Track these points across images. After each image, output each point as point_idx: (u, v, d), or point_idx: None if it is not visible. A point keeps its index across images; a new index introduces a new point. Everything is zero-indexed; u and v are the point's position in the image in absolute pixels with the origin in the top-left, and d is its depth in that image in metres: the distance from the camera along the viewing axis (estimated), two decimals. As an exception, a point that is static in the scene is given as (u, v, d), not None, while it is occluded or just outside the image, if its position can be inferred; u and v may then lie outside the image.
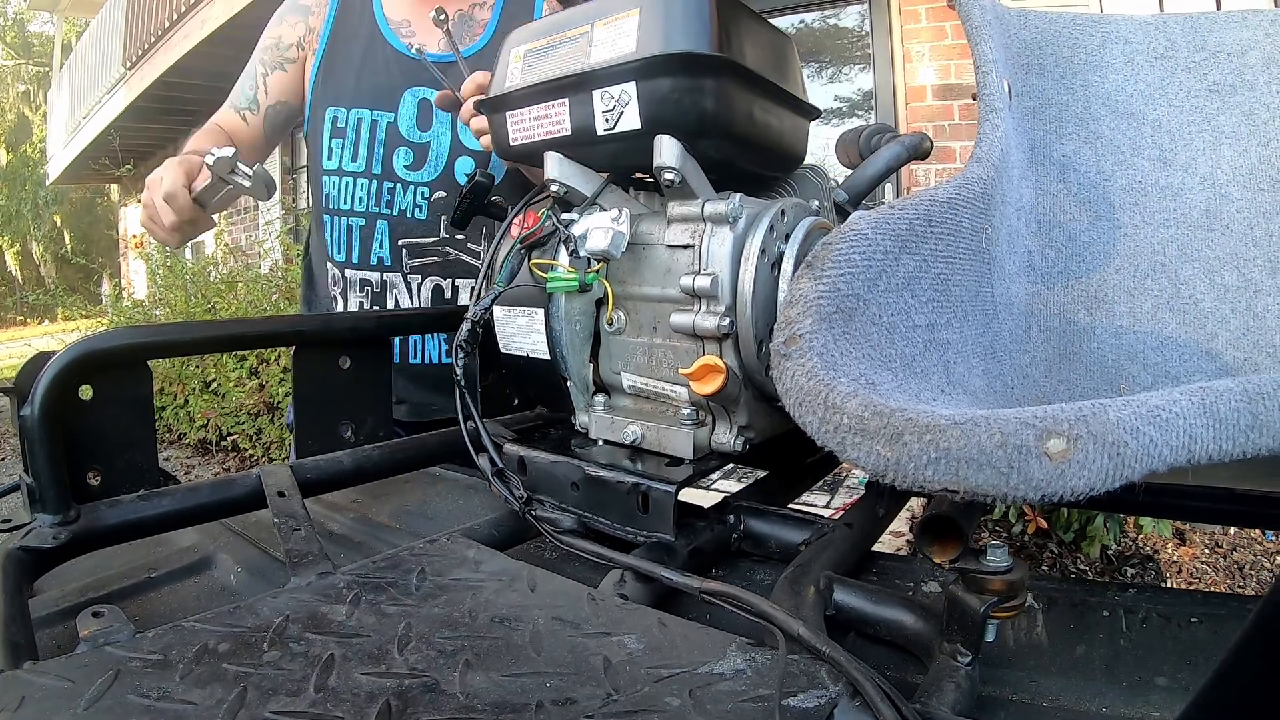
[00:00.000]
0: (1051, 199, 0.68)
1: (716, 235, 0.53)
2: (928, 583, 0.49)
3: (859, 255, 0.37)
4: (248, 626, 0.35)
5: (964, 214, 0.47)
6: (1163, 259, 0.66)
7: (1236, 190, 0.67)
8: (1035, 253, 0.65)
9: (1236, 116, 0.68)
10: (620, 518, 0.51)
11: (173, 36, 5.36)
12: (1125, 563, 2.38)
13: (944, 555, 0.38)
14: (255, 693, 0.30)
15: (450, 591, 0.40)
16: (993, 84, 0.57)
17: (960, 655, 0.36)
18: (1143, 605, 0.43)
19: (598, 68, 0.54)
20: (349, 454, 0.67)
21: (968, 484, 0.25)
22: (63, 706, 0.29)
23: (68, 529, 0.50)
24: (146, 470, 0.57)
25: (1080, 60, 0.72)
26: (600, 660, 0.33)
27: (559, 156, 0.59)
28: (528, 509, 0.55)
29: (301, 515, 0.52)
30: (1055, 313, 0.64)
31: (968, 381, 0.44)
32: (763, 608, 0.36)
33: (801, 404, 0.31)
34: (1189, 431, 0.25)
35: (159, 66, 5.57)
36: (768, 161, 0.63)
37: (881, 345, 0.36)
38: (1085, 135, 0.69)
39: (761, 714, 0.29)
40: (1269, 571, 2.35)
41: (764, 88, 0.57)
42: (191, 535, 0.62)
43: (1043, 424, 0.25)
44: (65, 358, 0.51)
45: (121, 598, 0.54)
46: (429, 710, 0.29)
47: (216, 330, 0.69)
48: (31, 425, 0.49)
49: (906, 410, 0.28)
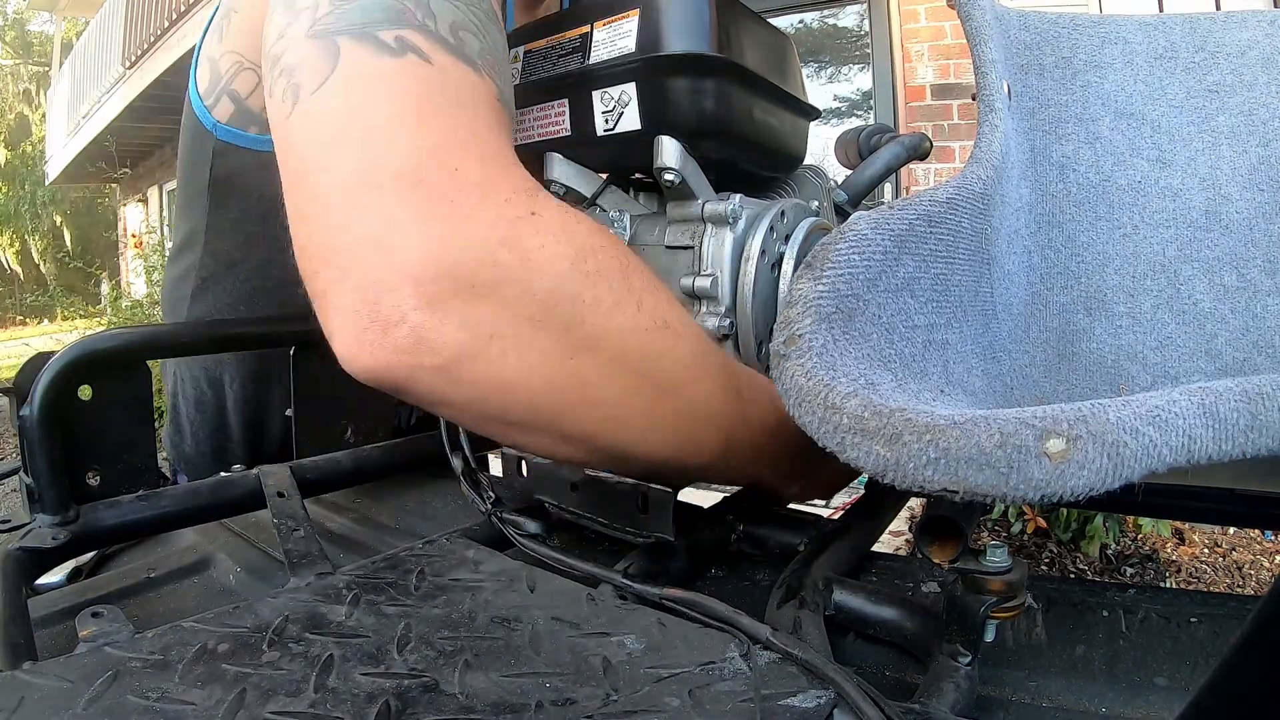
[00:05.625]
0: (1051, 199, 0.68)
1: (716, 236, 0.53)
2: (927, 583, 0.49)
3: (859, 255, 0.37)
4: (247, 627, 0.35)
5: (964, 214, 0.47)
6: (1162, 259, 0.66)
7: (1236, 191, 0.67)
8: (1035, 253, 0.65)
9: (1236, 117, 0.69)
10: (620, 518, 0.51)
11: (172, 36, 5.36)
12: (1125, 562, 2.39)
13: (943, 555, 0.38)
14: (254, 693, 0.30)
15: (449, 592, 0.40)
16: (992, 84, 0.57)
17: (959, 655, 0.36)
18: (1142, 605, 0.43)
19: (597, 68, 0.54)
20: (349, 454, 0.67)
21: (967, 484, 0.25)
22: (62, 707, 0.29)
23: (67, 529, 0.50)
24: (146, 470, 0.57)
25: (1080, 61, 0.72)
26: (600, 660, 0.33)
27: (559, 157, 0.59)
28: (495, 512, 0.54)
29: (301, 515, 0.52)
30: (1055, 313, 0.64)
31: (967, 382, 0.44)
32: (725, 614, 0.36)
33: (801, 404, 0.31)
34: (1188, 432, 0.25)
35: (159, 66, 5.57)
36: (768, 162, 0.63)
37: (881, 345, 0.36)
38: (1085, 136, 0.69)
39: (761, 714, 0.29)
40: (1269, 571, 2.35)
41: (764, 88, 0.57)
42: (191, 535, 0.62)
43: (1042, 424, 0.25)
44: (65, 358, 0.51)
45: (121, 598, 0.54)
46: (429, 710, 0.29)
47: (216, 330, 0.69)
48: (31, 425, 0.49)
49: (906, 410, 0.28)
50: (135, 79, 6.04)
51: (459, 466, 0.57)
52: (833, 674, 0.31)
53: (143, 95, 5.98)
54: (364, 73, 0.36)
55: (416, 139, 0.34)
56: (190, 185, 0.77)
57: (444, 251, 0.33)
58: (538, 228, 0.35)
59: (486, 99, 0.39)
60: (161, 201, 8.26)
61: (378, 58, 0.36)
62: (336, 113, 0.35)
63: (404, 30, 0.37)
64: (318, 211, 0.35)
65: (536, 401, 0.37)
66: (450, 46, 0.38)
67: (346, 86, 0.35)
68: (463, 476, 0.57)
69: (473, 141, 0.36)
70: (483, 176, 0.35)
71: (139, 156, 7.91)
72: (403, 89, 0.36)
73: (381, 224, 0.33)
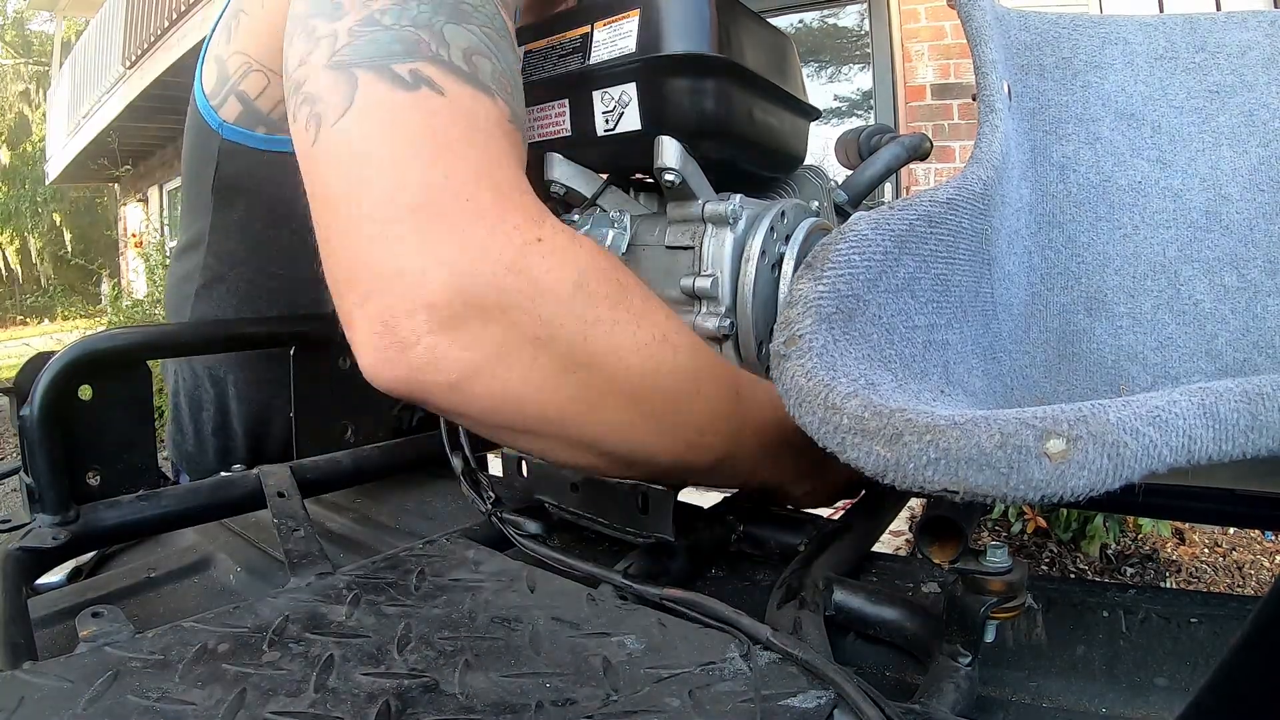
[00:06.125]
0: (1051, 200, 0.68)
1: (716, 236, 0.53)
2: (927, 583, 0.49)
3: (859, 256, 0.37)
4: (247, 627, 0.35)
5: (964, 214, 0.47)
6: (1162, 260, 0.66)
7: (1236, 191, 0.67)
8: (1035, 253, 0.65)
9: (1236, 117, 0.69)
10: (620, 518, 0.51)
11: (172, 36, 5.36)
12: (1125, 562, 2.39)
13: (943, 555, 0.38)
14: (255, 693, 0.30)
15: (449, 592, 0.40)
16: (992, 85, 0.57)
17: (960, 656, 0.36)
18: (1142, 605, 0.43)
19: (598, 68, 0.54)
20: (349, 454, 0.67)
21: (967, 484, 0.25)
22: (62, 707, 0.29)
23: (67, 529, 0.50)
24: (146, 470, 0.57)
25: (1080, 61, 0.72)
26: (600, 660, 0.33)
27: (559, 157, 0.59)
28: (495, 512, 0.54)
29: (301, 515, 0.52)
30: (1055, 313, 0.64)
31: (967, 382, 0.44)
32: (726, 614, 0.36)
33: (801, 404, 0.31)
34: (1189, 432, 0.25)
35: (159, 66, 5.57)
36: (768, 162, 0.63)
37: (881, 346, 0.36)
38: (1085, 136, 0.69)
39: (761, 714, 0.29)
40: (1269, 571, 2.35)
41: (764, 88, 0.57)
42: (191, 535, 0.62)
43: (1042, 424, 0.25)
44: (65, 358, 0.51)
45: (121, 598, 0.54)
46: (429, 710, 0.29)
47: (217, 330, 0.69)
48: (31, 425, 0.49)
49: (906, 411, 0.28)
50: (135, 79, 6.03)
51: (459, 466, 0.57)
52: (833, 674, 0.31)
53: (143, 95, 5.98)
54: (380, 106, 0.38)
55: (430, 172, 0.37)
56: (195, 185, 0.77)
57: (456, 278, 0.36)
58: (544, 253, 0.38)
59: (499, 123, 0.41)
60: (162, 201, 8.26)
61: (393, 91, 0.38)
62: (355, 145, 0.38)
63: (418, 63, 0.39)
64: (341, 239, 0.38)
65: (544, 413, 0.40)
66: (463, 75, 0.40)
67: (363, 119, 0.38)
68: (463, 476, 0.57)
69: (484, 171, 0.38)
70: (493, 205, 0.37)
71: (139, 156, 7.91)
72: (417, 122, 0.38)
73: (399, 254, 0.36)
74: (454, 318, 0.36)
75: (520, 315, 0.37)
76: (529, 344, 0.37)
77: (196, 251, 0.79)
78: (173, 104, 5.90)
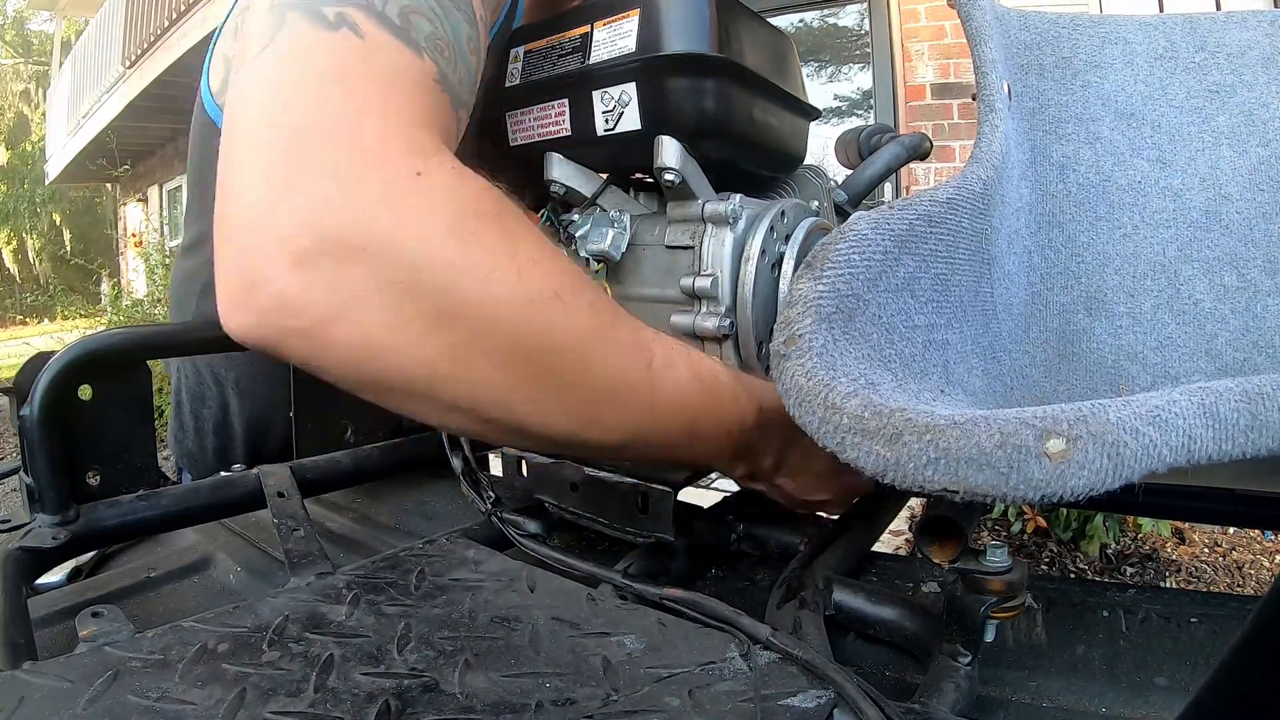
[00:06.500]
0: (1051, 199, 0.68)
1: (716, 236, 0.53)
2: (927, 583, 0.49)
3: (859, 255, 0.37)
4: (247, 627, 0.35)
5: (964, 214, 0.47)
6: (1162, 259, 0.66)
7: (1236, 191, 0.67)
8: (1035, 253, 0.65)
9: (1236, 117, 0.69)
10: (620, 518, 0.51)
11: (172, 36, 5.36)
12: (1125, 562, 2.39)
13: (943, 555, 0.38)
14: (254, 693, 0.30)
15: (449, 592, 0.40)
16: (993, 84, 0.57)
17: (960, 655, 0.36)
18: (1142, 605, 0.43)
19: (597, 68, 0.54)
20: (349, 454, 0.67)
21: (967, 484, 0.25)
22: (62, 707, 0.29)
23: (67, 529, 0.50)
24: (146, 470, 0.57)
25: (1080, 61, 0.72)
26: (600, 660, 0.33)
27: (559, 157, 0.59)
28: (495, 512, 0.54)
29: (301, 515, 0.52)
30: (1055, 313, 0.64)
31: (967, 382, 0.44)
32: (725, 614, 0.36)
33: (801, 404, 0.31)
34: (1188, 432, 0.25)
35: (159, 65, 5.57)
36: (768, 162, 0.63)
37: (881, 345, 0.36)
38: (1085, 136, 0.69)
39: (761, 714, 0.29)
40: (1269, 571, 2.35)
41: (764, 88, 0.57)
42: (191, 535, 0.62)
43: (1042, 424, 0.25)
44: (65, 358, 0.51)
45: (121, 598, 0.54)
46: (429, 710, 0.29)
47: (217, 330, 0.69)
48: (31, 425, 0.49)
49: (906, 410, 0.28)
50: (135, 78, 6.03)
51: (459, 466, 0.57)
52: (833, 674, 0.31)
53: (143, 94, 5.97)
54: (297, 43, 0.36)
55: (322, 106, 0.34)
56: (200, 183, 0.77)
57: (316, 213, 0.32)
58: (420, 189, 0.34)
59: (419, 79, 0.38)
60: (162, 201, 8.26)
61: (314, 30, 0.36)
62: (261, 80, 0.36)
63: (346, 7, 0.37)
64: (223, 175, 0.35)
65: (409, 368, 0.36)
66: (390, 25, 0.38)
67: (276, 56, 0.36)
68: (463, 476, 0.57)
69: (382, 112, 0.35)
70: (376, 137, 0.34)
71: (139, 156, 7.90)
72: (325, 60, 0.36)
73: (262, 185, 0.33)
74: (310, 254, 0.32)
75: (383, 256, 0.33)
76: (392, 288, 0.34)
77: (201, 250, 0.78)
78: (173, 104, 5.90)
